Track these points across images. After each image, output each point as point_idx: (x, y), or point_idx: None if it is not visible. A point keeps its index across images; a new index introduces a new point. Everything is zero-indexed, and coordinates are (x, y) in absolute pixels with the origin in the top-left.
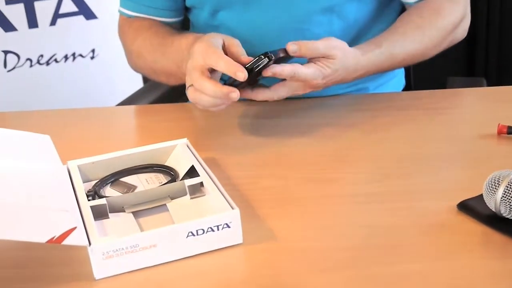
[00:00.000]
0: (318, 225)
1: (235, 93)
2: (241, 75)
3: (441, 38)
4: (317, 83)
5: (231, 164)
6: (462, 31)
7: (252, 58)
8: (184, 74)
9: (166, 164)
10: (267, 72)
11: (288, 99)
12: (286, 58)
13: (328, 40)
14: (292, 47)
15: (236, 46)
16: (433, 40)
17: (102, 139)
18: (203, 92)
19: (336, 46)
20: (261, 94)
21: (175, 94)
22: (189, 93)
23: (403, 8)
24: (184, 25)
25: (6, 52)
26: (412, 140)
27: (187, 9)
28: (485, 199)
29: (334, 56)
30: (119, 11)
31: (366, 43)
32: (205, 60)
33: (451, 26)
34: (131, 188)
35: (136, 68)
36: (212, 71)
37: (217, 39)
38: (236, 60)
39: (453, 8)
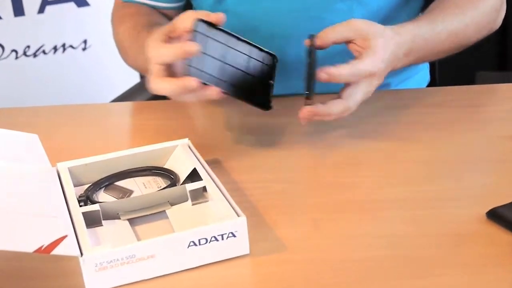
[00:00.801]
0: (332, 234)
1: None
2: (192, 48)
3: (482, 21)
4: (380, 71)
5: (236, 167)
6: (500, 19)
7: None
8: None
9: (166, 166)
10: (322, 75)
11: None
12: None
13: (349, 24)
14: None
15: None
16: (474, 21)
17: (95, 139)
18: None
19: (361, 25)
20: (336, 106)
21: None
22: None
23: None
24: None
25: None
26: (437, 141)
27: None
28: None
29: (368, 32)
30: None
31: (404, 23)
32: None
33: (490, 9)
34: (127, 193)
35: (124, 60)
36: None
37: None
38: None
39: None
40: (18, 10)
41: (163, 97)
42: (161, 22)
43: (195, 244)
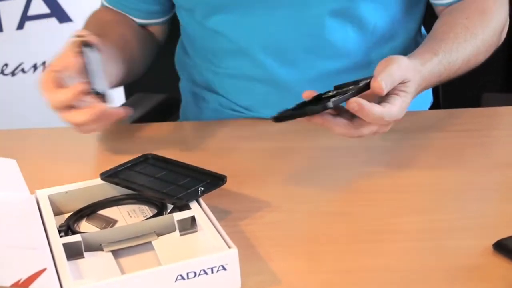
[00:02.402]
0: (329, 268)
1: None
2: (81, 86)
3: (491, 40)
4: (399, 117)
5: (228, 195)
6: (504, 33)
7: None
8: None
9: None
10: (353, 105)
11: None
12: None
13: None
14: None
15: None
16: (485, 42)
17: (77, 164)
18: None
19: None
20: (341, 128)
21: (163, 111)
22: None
23: (428, 16)
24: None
25: None
26: (441, 168)
27: (175, 8)
28: None
29: (408, 79)
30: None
31: (421, 51)
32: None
33: (499, 27)
34: (110, 222)
35: None
36: None
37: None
38: None
39: (497, 6)
40: None
41: (150, 119)
42: (114, 42)
43: (183, 278)
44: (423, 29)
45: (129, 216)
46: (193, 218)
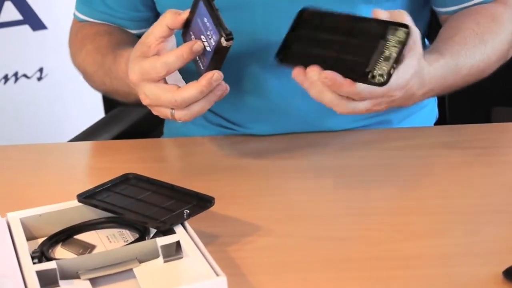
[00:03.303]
0: None
1: (215, 75)
2: (197, 46)
3: (502, 49)
4: (393, 94)
5: (216, 218)
6: None
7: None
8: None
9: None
10: (325, 80)
11: (292, 133)
12: None
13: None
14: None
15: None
16: (495, 50)
17: (51, 185)
18: (189, 103)
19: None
20: (334, 97)
21: (145, 126)
22: (179, 116)
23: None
24: None
25: None
26: (447, 189)
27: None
28: None
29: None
30: (74, 14)
31: (426, 52)
32: (151, 76)
33: (510, 36)
34: (88, 248)
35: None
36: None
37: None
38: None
39: (508, 13)
40: None
41: (130, 136)
42: (123, 40)
43: None
44: (426, 42)
45: (109, 241)
46: (178, 243)
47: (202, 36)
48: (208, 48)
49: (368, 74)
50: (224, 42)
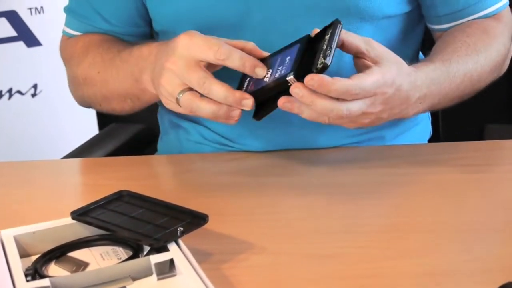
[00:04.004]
0: None
1: (249, 100)
2: (261, 71)
3: (495, 60)
4: (387, 96)
5: (210, 235)
6: (507, 61)
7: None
8: (143, 88)
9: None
10: (311, 82)
11: (285, 150)
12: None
13: (366, 39)
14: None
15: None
16: (488, 60)
17: (45, 202)
18: (210, 95)
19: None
20: (326, 100)
21: (140, 143)
22: (184, 99)
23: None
24: None
25: None
26: (440, 207)
27: (155, 35)
28: None
29: (383, 53)
30: (63, 31)
31: (416, 63)
32: (204, 53)
33: (503, 49)
34: (81, 265)
35: (81, 100)
36: None
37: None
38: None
39: (501, 27)
40: None
41: (124, 153)
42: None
43: None
44: (421, 56)
45: (102, 259)
46: (171, 261)
47: (270, 70)
48: (265, 79)
49: (316, 69)
50: (290, 75)
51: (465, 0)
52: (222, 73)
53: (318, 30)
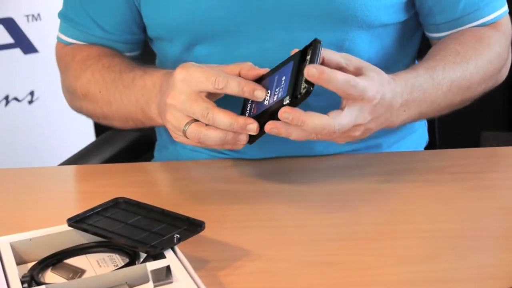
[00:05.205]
0: None
1: (253, 125)
2: (260, 93)
3: (487, 70)
4: (375, 104)
5: (206, 242)
6: (505, 70)
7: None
8: (150, 118)
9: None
10: (312, 70)
11: (282, 157)
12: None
13: (344, 54)
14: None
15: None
16: (479, 68)
17: (41, 209)
18: (215, 125)
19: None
20: (317, 119)
21: (136, 150)
22: (191, 130)
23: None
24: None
25: None
26: (437, 214)
27: (149, 40)
28: None
29: (362, 65)
30: (58, 38)
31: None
32: (202, 84)
33: (497, 57)
34: (78, 272)
35: (79, 110)
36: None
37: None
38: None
39: (497, 36)
40: None
41: (121, 160)
42: (131, 62)
43: None
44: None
45: (99, 266)
46: (168, 268)
47: (269, 91)
48: (265, 102)
49: (297, 95)
50: (286, 101)
51: (463, 8)
52: (226, 99)
53: (297, 51)
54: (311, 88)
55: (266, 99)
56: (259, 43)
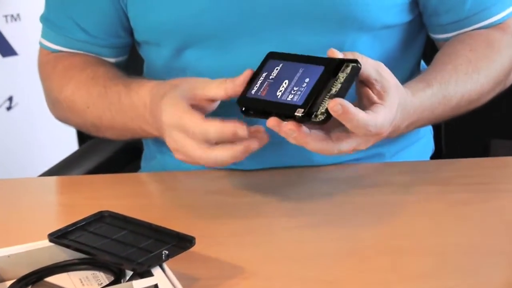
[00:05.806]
0: None
1: (241, 129)
2: (242, 131)
3: (497, 76)
4: (383, 131)
5: (197, 259)
6: None
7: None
8: (148, 133)
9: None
10: (336, 106)
11: (278, 168)
12: None
13: (379, 66)
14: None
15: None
16: (489, 78)
17: (21, 223)
18: (221, 139)
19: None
20: (320, 143)
21: (122, 160)
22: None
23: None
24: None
25: None
26: (443, 227)
27: (137, 45)
28: None
29: (390, 84)
30: (40, 43)
31: (414, 81)
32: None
33: (507, 62)
34: None
35: (64, 121)
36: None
37: (185, 92)
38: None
39: (505, 39)
40: None
41: (105, 170)
42: (117, 73)
43: None
44: (423, 65)
45: (82, 284)
46: (156, 287)
47: (286, 82)
48: (278, 93)
49: (312, 114)
50: (298, 113)
51: (470, 8)
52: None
53: (335, 53)
54: (328, 119)
55: (280, 90)
56: (252, 46)
